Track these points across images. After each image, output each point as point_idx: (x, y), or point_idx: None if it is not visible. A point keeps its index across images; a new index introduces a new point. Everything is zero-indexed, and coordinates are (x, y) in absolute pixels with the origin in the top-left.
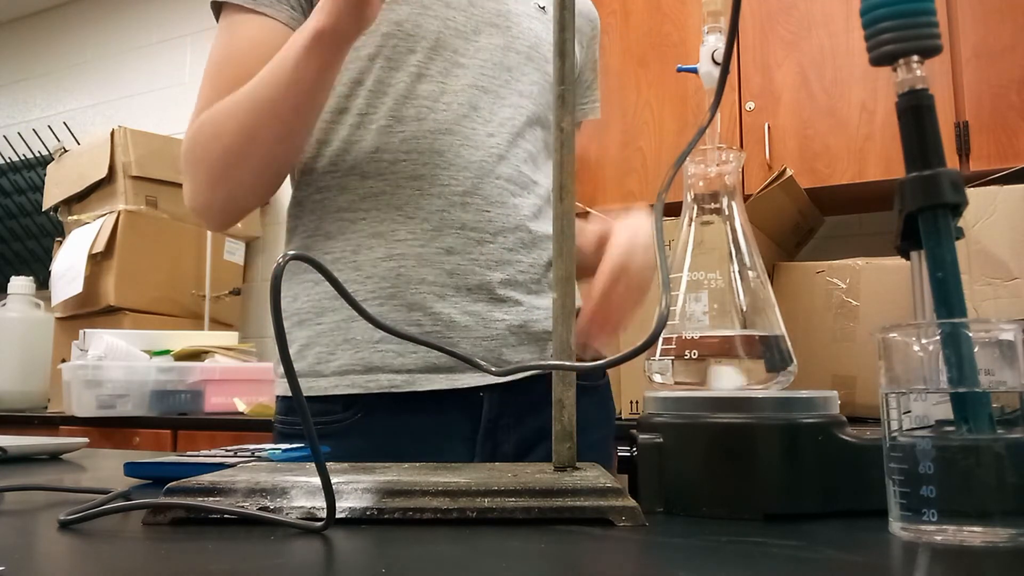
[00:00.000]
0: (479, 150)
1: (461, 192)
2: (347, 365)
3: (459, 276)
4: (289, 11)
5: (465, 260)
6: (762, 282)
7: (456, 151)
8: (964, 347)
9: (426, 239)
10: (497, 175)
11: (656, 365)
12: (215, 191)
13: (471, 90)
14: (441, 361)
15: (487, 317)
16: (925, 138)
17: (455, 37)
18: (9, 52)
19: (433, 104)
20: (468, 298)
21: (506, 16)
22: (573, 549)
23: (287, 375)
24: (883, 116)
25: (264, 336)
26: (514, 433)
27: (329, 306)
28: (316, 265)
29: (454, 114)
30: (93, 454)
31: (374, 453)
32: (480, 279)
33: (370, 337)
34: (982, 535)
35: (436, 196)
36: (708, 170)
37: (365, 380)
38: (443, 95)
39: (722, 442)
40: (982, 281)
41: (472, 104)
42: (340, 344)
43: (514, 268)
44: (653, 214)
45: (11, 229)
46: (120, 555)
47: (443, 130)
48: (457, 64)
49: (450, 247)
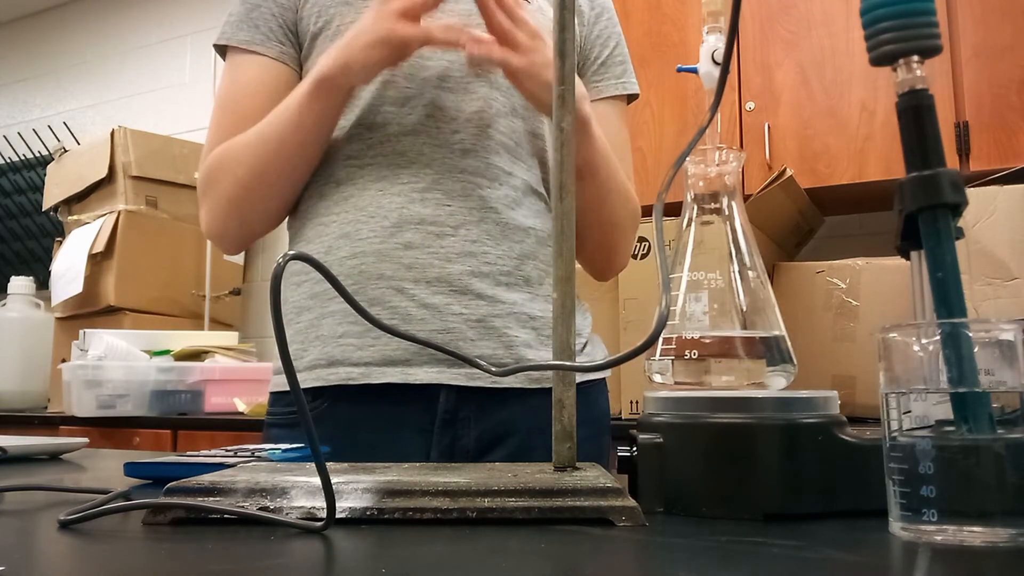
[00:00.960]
0: (442, 148)
1: (421, 188)
2: (315, 360)
3: (417, 270)
4: (278, 47)
5: (424, 254)
6: (762, 282)
7: (419, 150)
8: (964, 347)
9: (385, 235)
10: (461, 169)
11: (656, 365)
12: (228, 221)
13: (435, 90)
14: (397, 355)
15: (444, 310)
16: (925, 138)
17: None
18: (9, 52)
19: (399, 110)
20: (427, 291)
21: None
22: (573, 549)
23: (287, 375)
24: (883, 116)
25: (264, 336)
26: (475, 426)
27: (306, 305)
28: (316, 265)
29: (418, 115)
30: (93, 454)
31: (338, 441)
32: (439, 272)
33: (334, 332)
34: (982, 535)
35: (396, 195)
36: (708, 170)
37: (327, 373)
38: (409, 100)
39: (722, 442)
40: (982, 281)
41: (436, 104)
42: (312, 340)
43: (478, 260)
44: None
45: (11, 229)
46: (120, 555)
47: (408, 131)
48: (423, 68)
49: (408, 242)
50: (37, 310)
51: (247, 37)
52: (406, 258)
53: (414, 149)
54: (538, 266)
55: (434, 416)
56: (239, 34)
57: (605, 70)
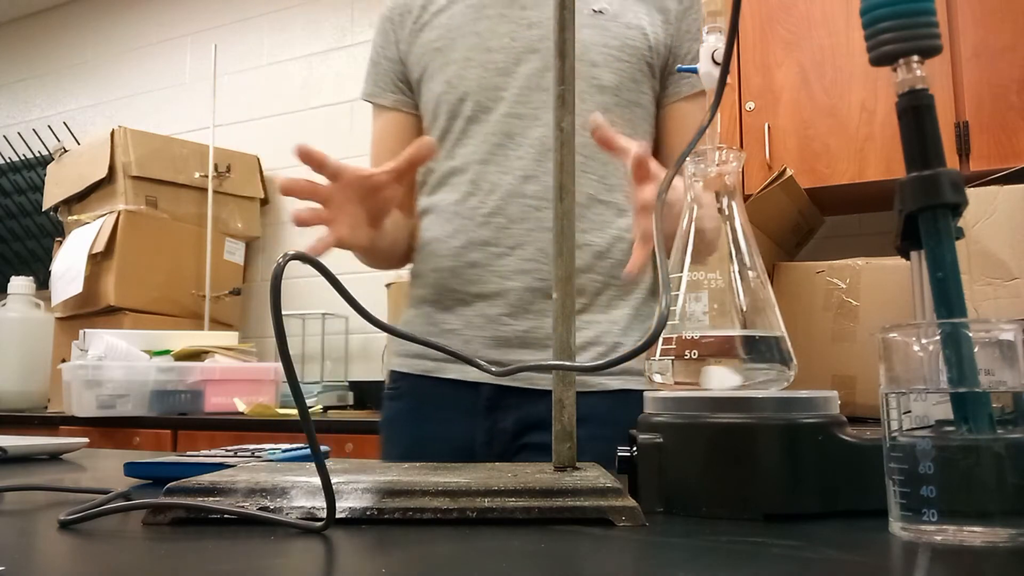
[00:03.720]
0: (507, 174)
1: (486, 214)
2: (404, 348)
3: (480, 284)
4: (392, 96)
5: (485, 272)
6: (762, 282)
7: (486, 178)
8: (964, 347)
9: (454, 255)
10: (522, 194)
11: (656, 365)
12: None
13: (505, 119)
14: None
15: (498, 322)
16: (925, 138)
17: (496, 75)
18: (9, 52)
19: (475, 142)
20: (484, 303)
21: (547, 38)
22: (573, 549)
23: (287, 375)
24: (883, 116)
25: (264, 336)
26: (514, 412)
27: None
28: (316, 265)
29: (489, 145)
30: (93, 454)
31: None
32: (497, 287)
33: (427, 331)
34: (982, 535)
35: (467, 218)
36: (708, 170)
37: (413, 363)
38: (482, 131)
39: (722, 442)
40: (982, 281)
41: (506, 132)
42: (416, 331)
43: (532, 276)
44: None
45: (11, 229)
46: (120, 555)
47: (479, 160)
48: (497, 99)
49: (474, 262)
50: (37, 310)
51: (369, 91)
52: (471, 275)
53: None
54: (594, 279)
55: (478, 404)
56: (365, 89)
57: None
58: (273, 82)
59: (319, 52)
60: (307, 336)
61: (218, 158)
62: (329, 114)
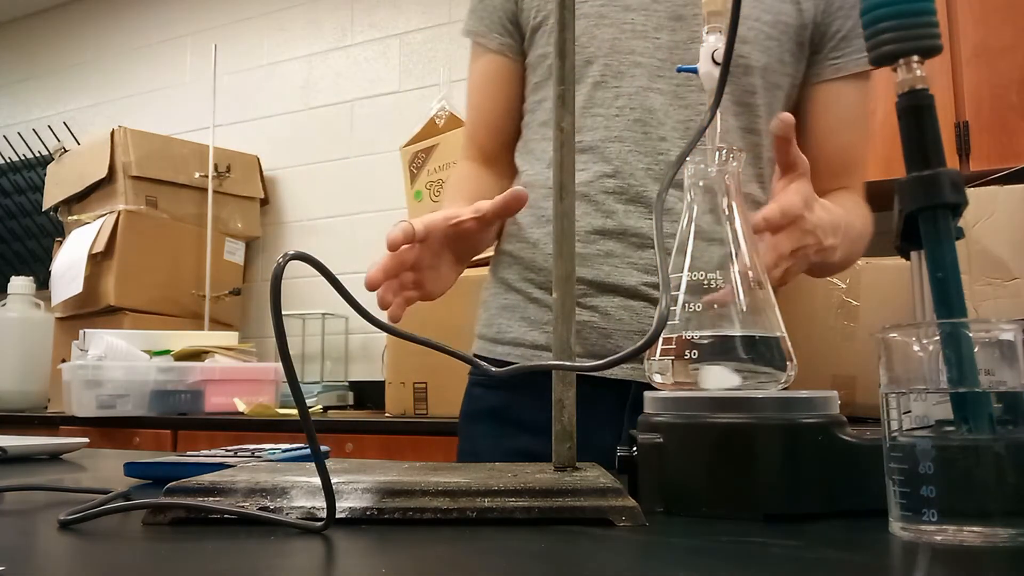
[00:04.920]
0: (647, 156)
1: (625, 200)
2: (518, 338)
3: (617, 277)
4: (498, 38)
5: (623, 264)
6: (762, 282)
7: (624, 158)
8: (964, 347)
9: (588, 241)
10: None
11: (656, 365)
12: None
13: (645, 92)
14: (595, 350)
15: (641, 313)
16: (925, 138)
17: (633, 38)
18: (9, 52)
19: (606, 111)
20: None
21: (695, 4)
22: (573, 549)
23: (287, 376)
24: (883, 116)
25: (264, 336)
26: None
27: (514, 284)
28: (316, 265)
29: (626, 119)
30: (93, 454)
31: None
32: (636, 280)
33: (540, 318)
34: (982, 535)
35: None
36: (708, 170)
37: (532, 354)
38: (617, 99)
39: (722, 442)
40: (982, 281)
41: (646, 107)
42: (517, 320)
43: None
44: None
45: (11, 229)
46: (120, 555)
47: (613, 138)
48: (635, 64)
49: (610, 251)
50: (37, 310)
51: (473, 28)
52: (606, 265)
53: (619, 156)
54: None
55: (621, 407)
56: (468, 23)
57: (847, 43)
58: (273, 82)
59: (319, 52)
60: (307, 336)
61: (218, 158)
62: (329, 114)
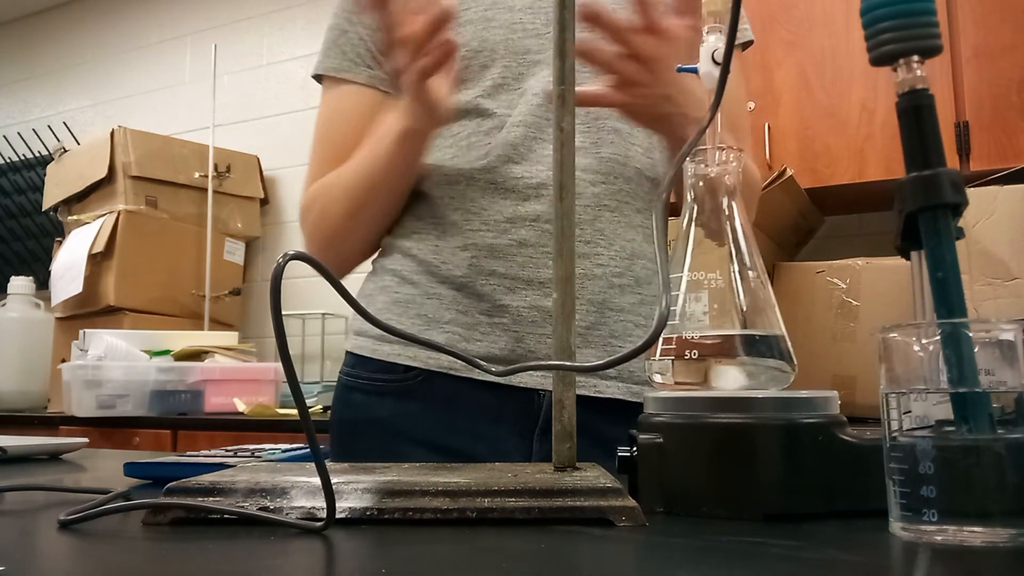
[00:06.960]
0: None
1: (535, 185)
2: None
3: (531, 269)
4: (367, 71)
5: (538, 253)
6: (762, 282)
7: (529, 146)
8: (964, 347)
9: (499, 231)
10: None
11: (656, 365)
12: (327, 255)
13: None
14: (503, 354)
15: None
16: (925, 138)
17: (526, 38)
18: (9, 52)
19: (510, 110)
20: (538, 292)
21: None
22: (573, 549)
23: (287, 376)
24: (883, 116)
25: (264, 336)
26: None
27: (411, 279)
28: (315, 265)
29: (532, 114)
30: (93, 454)
31: (428, 417)
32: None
33: (440, 316)
34: (982, 535)
35: (511, 190)
36: (708, 170)
37: (428, 356)
38: (522, 97)
39: (722, 442)
40: (982, 281)
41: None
42: (412, 316)
43: (591, 262)
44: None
45: (11, 229)
46: (120, 555)
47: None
48: (535, 63)
49: (523, 240)
50: (37, 310)
51: (335, 64)
52: (520, 256)
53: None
54: (646, 265)
55: (534, 421)
56: (327, 61)
57: None
58: (273, 82)
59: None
60: (307, 336)
61: (218, 158)
62: None
